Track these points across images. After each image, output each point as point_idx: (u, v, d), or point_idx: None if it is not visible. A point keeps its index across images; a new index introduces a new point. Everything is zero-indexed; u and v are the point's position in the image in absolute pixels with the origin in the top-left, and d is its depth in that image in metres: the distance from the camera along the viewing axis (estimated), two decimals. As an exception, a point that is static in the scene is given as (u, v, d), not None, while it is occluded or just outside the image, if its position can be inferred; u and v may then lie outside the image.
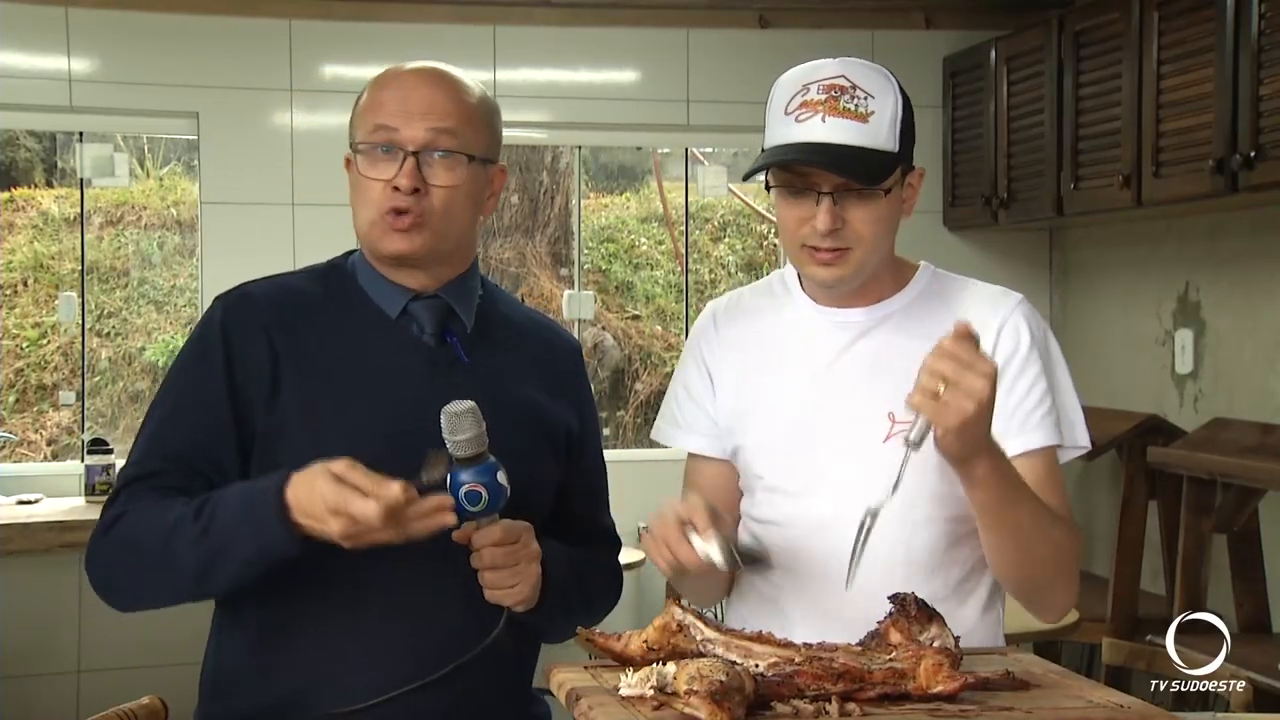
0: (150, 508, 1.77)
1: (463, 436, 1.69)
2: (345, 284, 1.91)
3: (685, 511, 1.68)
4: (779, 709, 1.46)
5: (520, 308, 2.09)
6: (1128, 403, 4.57)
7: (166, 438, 1.83)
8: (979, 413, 1.59)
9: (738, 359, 1.97)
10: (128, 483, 1.82)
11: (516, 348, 1.95)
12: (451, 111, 1.84)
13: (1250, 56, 3.49)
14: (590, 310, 5.46)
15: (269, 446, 1.80)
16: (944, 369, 1.59)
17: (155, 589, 1.81)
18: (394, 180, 1.80)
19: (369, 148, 1.83)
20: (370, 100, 1.86)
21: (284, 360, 1.82)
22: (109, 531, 1.80)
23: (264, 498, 1.67)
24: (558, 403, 1.96)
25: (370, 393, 1.83)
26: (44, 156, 7.54)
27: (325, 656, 1.80)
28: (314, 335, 1.85)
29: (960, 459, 1.66)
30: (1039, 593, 1.87)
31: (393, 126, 1.81)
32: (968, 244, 5.09)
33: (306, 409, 1.80)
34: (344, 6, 4.77)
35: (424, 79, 1.86)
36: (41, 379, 6.93)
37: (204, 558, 1.71)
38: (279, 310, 1.86)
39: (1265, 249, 4.07)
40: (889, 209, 1.83)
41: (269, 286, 1.92)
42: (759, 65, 4.11)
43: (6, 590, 4.27)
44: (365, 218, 1.84)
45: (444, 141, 1.82)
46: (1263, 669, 3.24)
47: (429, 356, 1.87)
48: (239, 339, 1.83)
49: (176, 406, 1.85)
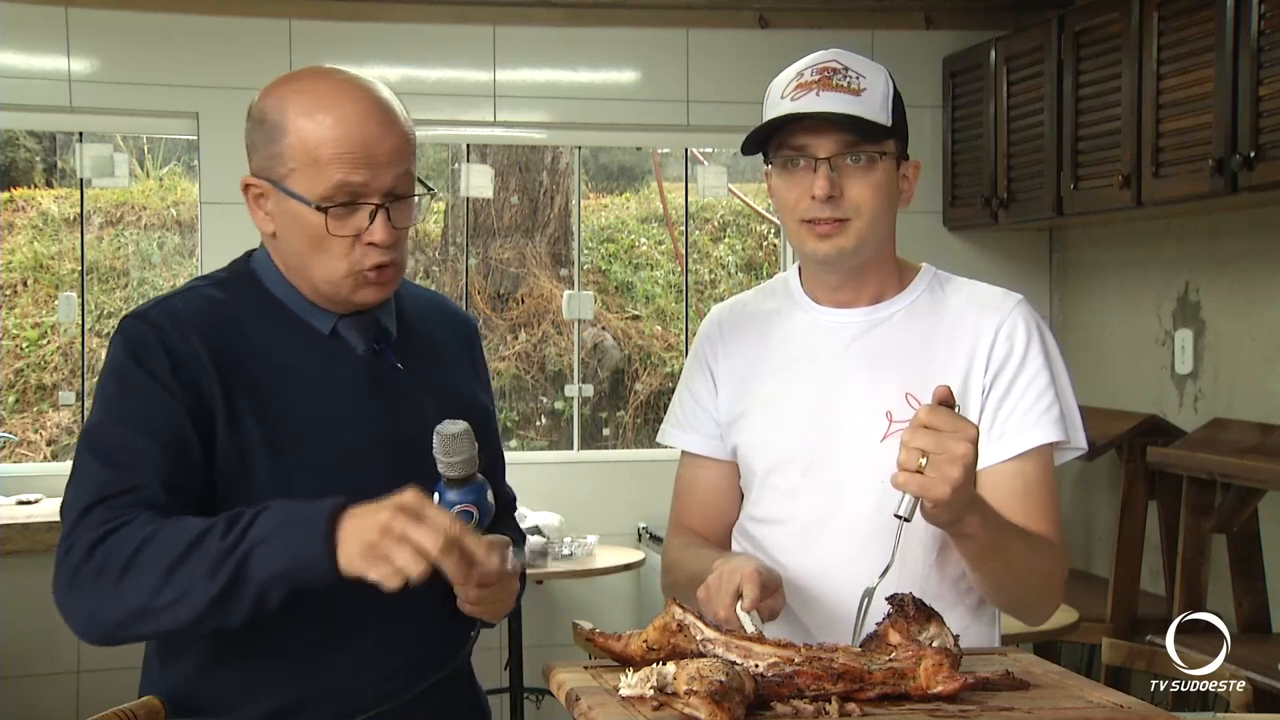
0: (151, 522, 1.59)
1: (458, 458, 1.67)
2: (263, 297, 1.80)
3: (742, 581, 1.68)
4: (779, 709, 1.46)
5: (416, 292, 1.99)
6: (1127, 403, 4.57)
7: (127, 459, 1.65)
8: (965, 477, 1.58)
9: (740, 359, 1.98)
10: (91, 506, 1.62)
11: (430, 336, 1.91)
12: (409, 152, 1.75)
13: (1250, 56, 3.49)
14: (590, 310, 5.46)
15: (233, 468, 1.70)
16: (922, 443, 1.58)
17: (159, 609, 1.58)
18: (369, 237, 1.71)
19: (334, 207, 1.70)
20: (317, 147, 1.69)
21: (232, 379, 1.71)
22: (93, 552, 1.58)
23: (311, 512, 1.55)
24: (474, 384, 1.94)
25: (323, 413, 1.75)
26: (44, 156, 7.54)
27: (289, 684, 1.72)
28: (252, 353, 1.75)
29: (949, 523, 1.67)
30: (1025, 609, 1.90)
31: (361, 182, 1.70)
32: (967, 244, 5.09)
33: (266, 434, 1.71)
34: (344, 6, 4.77)
35: (377, 120, 1.71)
36: (41, 379, 6.93)
37: (232, 571, 1.54)
38: (211, 326, 1.74)
39: (1265, 249, 4.07)
40: (885, 180, 1.84)
41: (186, 300, 1.77)
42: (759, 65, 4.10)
43: (6, 590, 4.27)
44: (333, 273, 1.74)
45: (405, 185, 1.74)
46: (1262, 669, 3.24)
47: (367, 369, 1.80)
48: (184, 357, 1.70)
49: (132, 428, 1.66)
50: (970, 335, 1.88)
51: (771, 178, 1.88)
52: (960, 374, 1.85)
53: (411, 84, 4.79)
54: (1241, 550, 3.85)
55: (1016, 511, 1.79)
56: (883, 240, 1.89)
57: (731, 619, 1.66)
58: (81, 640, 1.64)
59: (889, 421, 1.84)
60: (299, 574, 1.55)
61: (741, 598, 1.67)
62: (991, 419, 1.85)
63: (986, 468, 1.83)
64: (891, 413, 1.84)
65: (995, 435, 1.84)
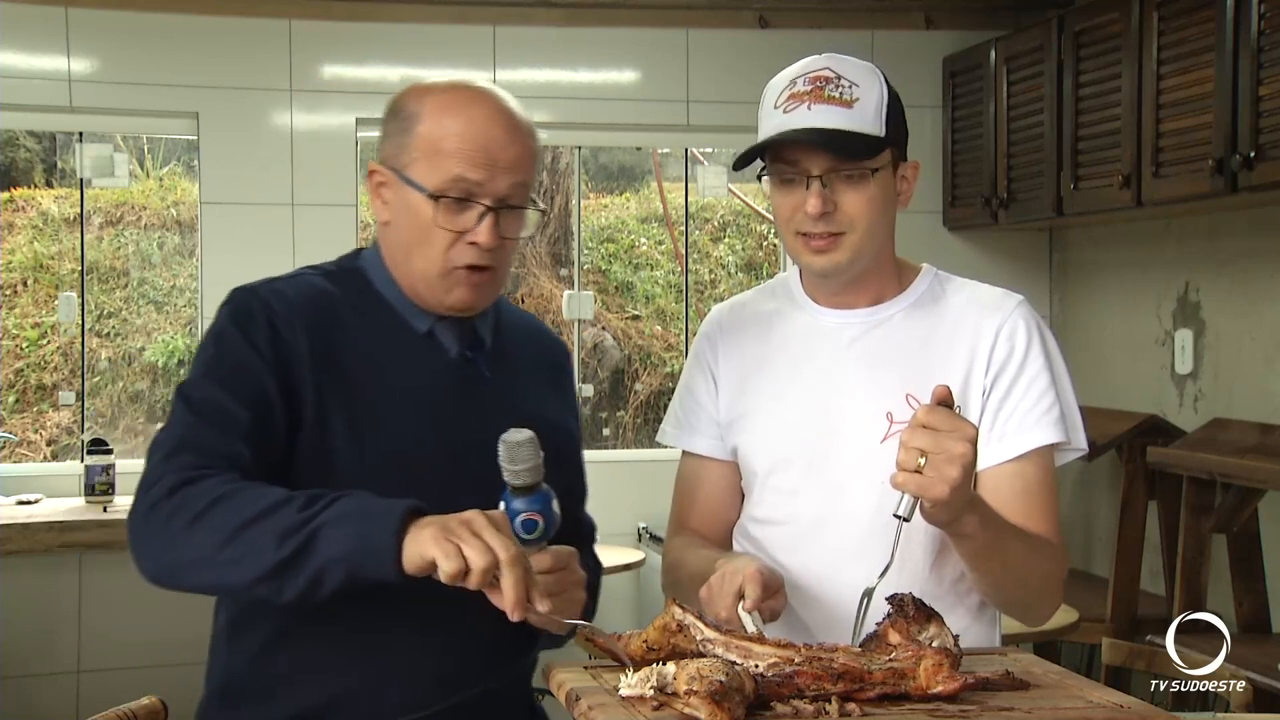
0: (231, 484, 1.61)
1: (522, 466, 1.68)
2: (365, 291, 1.85)
3: (744, 582, 1.68)
4: (779, 709, 1.46)
5: (515, 312, 2.06)
6: (1127, 403, 4.57)
7: (215, 415, 1.69)
8: (964, 477, 1.58)
9: (740, 360, 1.98)
10: (178, 450, 1.66)
11: (521, 357, 1.94)
12: (530, 165, 1.80)
13: (1250, 56, 3.49)
14: (590, 310, 5.46)
15: (311, 454, 1.72)
16: (921, 443, 1.58)
17: (220, 563, 1.59)
18: (473, 236, 1.76)
19: (446, 199, 1.75)
20: (442, 139, 1.76)
21: (325, 366, 1.75)
22: (173, 495, 1.61)
23: (389, 507, 1.55)
24: (559, 409, 1.97)
25: (409, 412, 1.79)
26: (44, 156, 7.54)
27: (345, 672, 1.74)
28: (346, 343, 1.79)
29: (948, 523, 1.67)
30: (1025, 609, 1.90)
31: (477, 180, 1.75)
32: (967, 244, 5.09)
33: (352, 425, 1.74)
34: (344, 6, 4.77)
35: (506, 127, 1.78)
36: (41, 379, 6.93)
37: (300, 544, 1.54)
38: (311, 313, 1.78)
39: (1265, 249, 4.07)
40: (880, 192, 1.84)
41: (295, 285, 1.82)
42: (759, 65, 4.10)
43: (6, 590, 4.27)
44: (431, 267, 1.78)
45: (520, 196, 1.79)
46: (1262, 669, 3.24)
47: (457, 374, 1.84)
48: (285, 333, 1.74)
49: (223, 387, 1.70)
50: (971, 336, 1.87)
51: (768, 188, 1.88)
52: (961, 375, 1.85)
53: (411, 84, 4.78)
54: (1241, 550, 3.85)
55: (1016, 512, 1.80)
56: (880, 246, 1.88)
57: (733, 619, 1.66)
58: (141, 575, 1.66)
59: (889, 422, 1.84)
60: (361, 562, 1.53)
61: (743, 598, 1.67)
62: (992, 420, 1.85)
63: (987, 468, 1.83)
64: (892, 413, 1.84)
65: (996, 436, 1.84)
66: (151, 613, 3.73)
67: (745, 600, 1.67)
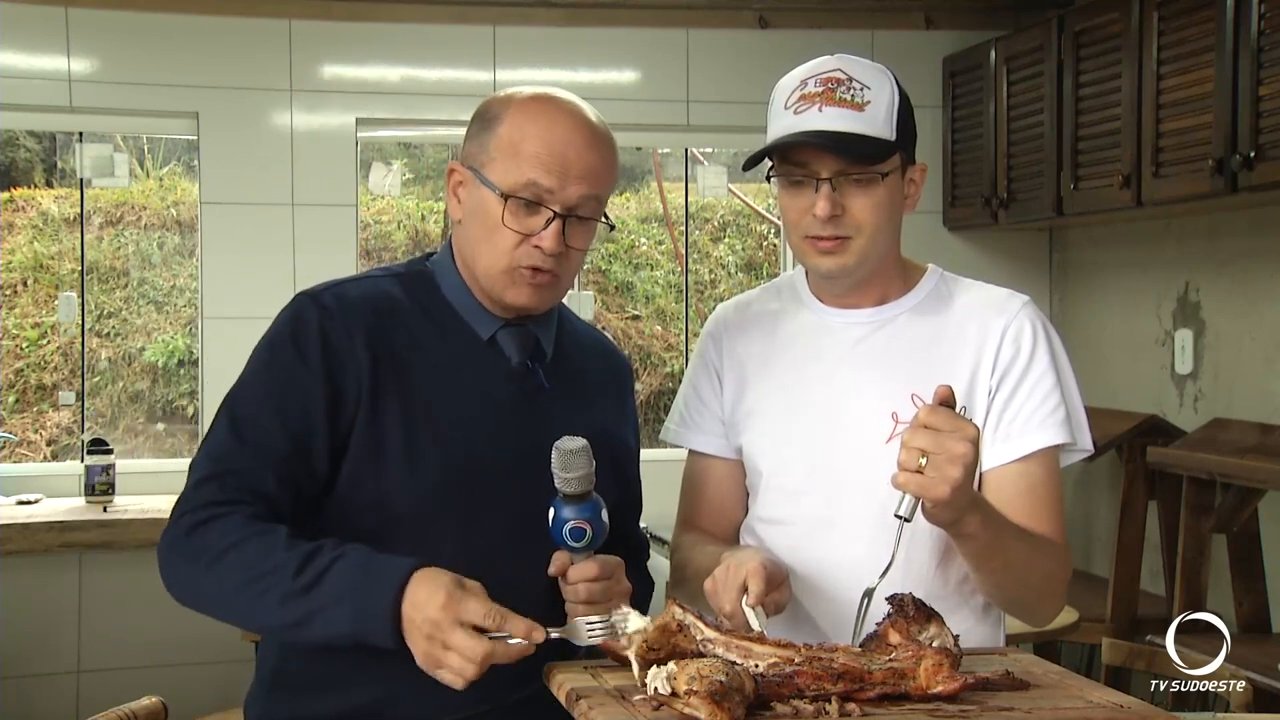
0: (243, 529, 1.67)
1: (575, 474, 1.70)
2: (433, 295, 1.87)
3: (748, 576, 1.68)
4: (779, 709, 1.46)
5: (579, 324, 2.06)
6: (1127, 403, 4.57)
7: (254, 436, 1.73)
8: (966, 477, 1.58)
9: (745, 358, 1.98)
10: (206, 479, 1.72)
11: (583, 370, 1.95)
12: (605, 179, 1.82)
13: (1250, 56, 3.49)
14: (590, 310, 5.46)
15: (363, 458, 1.75)
16: (922, 443, 1.58)
17: (237, 609, 1.71)
18: (538, 240, 1.77)
19: (516, 200, 1.77)
20: (520, 142, 1.78)
21: (383, 370, 1.77)
22: (191, 535, 1.69)
23: (381, 583, 1.60)
24: (620, 423, 1.98)
25: (466, 416, 1.80)
26: (44, 156, 7.53)
27: (401, 670, 1.72)
28: (409, 347, 1.81)
29: (950, 523, 1.67)
30: (1027, 610, 1.90)
31: (548, 187, 1.76)
32: (967, 244, 5.09)
33: (406, 427, 1.76)
34: (344, 6, 4.77)
35: (585, 137, 1.80)
36: (41, 379, 6.92)
37: (300, 615, 1.62)
38: (376, 315, 1.81)
39: (1265, 249, 4.07)
40: (888, 196, 1.84)
41: (360, 288, 1.85)
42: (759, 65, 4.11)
43: (6, 590, 4.27)
44: (495, 264, 1.80)
45: (590, 208, 1.80)
46: (1262, 669, 3.24)
47: (517, 381, 1.85)
48: (339, 342, 1.76)
49: (268, 405, 1.75)
50: (976, 336, 1.87)
51: (777, 190, 1.88)
52: (966, 375, 1.85)
53: (411, 84, 4.80)
54: (1241, 550, 3.85)
55: (1021, 513, 1.79)
56: (887, 248, 1.88)
57: (737, 613, 1.66)
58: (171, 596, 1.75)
59: (894, 422, 1.84)
60: (364, 637, 1.61)
61: (747, 592, 1.67)
62: (997, 420, 1.85)
63: (992, 469, 1.83)
64: (897, 413, 1.84)
65: (1001, 437, 1.84)
66: (151, 613, 3.72)
67: (749, 594, 1.67)
